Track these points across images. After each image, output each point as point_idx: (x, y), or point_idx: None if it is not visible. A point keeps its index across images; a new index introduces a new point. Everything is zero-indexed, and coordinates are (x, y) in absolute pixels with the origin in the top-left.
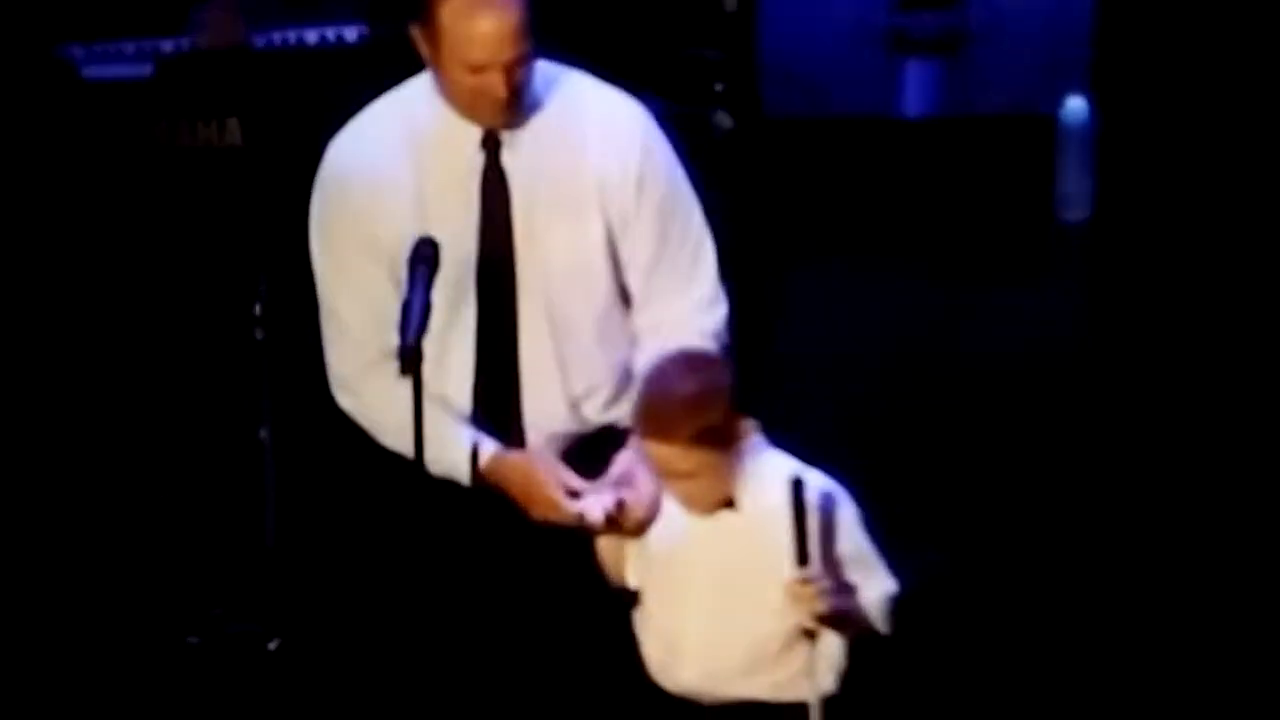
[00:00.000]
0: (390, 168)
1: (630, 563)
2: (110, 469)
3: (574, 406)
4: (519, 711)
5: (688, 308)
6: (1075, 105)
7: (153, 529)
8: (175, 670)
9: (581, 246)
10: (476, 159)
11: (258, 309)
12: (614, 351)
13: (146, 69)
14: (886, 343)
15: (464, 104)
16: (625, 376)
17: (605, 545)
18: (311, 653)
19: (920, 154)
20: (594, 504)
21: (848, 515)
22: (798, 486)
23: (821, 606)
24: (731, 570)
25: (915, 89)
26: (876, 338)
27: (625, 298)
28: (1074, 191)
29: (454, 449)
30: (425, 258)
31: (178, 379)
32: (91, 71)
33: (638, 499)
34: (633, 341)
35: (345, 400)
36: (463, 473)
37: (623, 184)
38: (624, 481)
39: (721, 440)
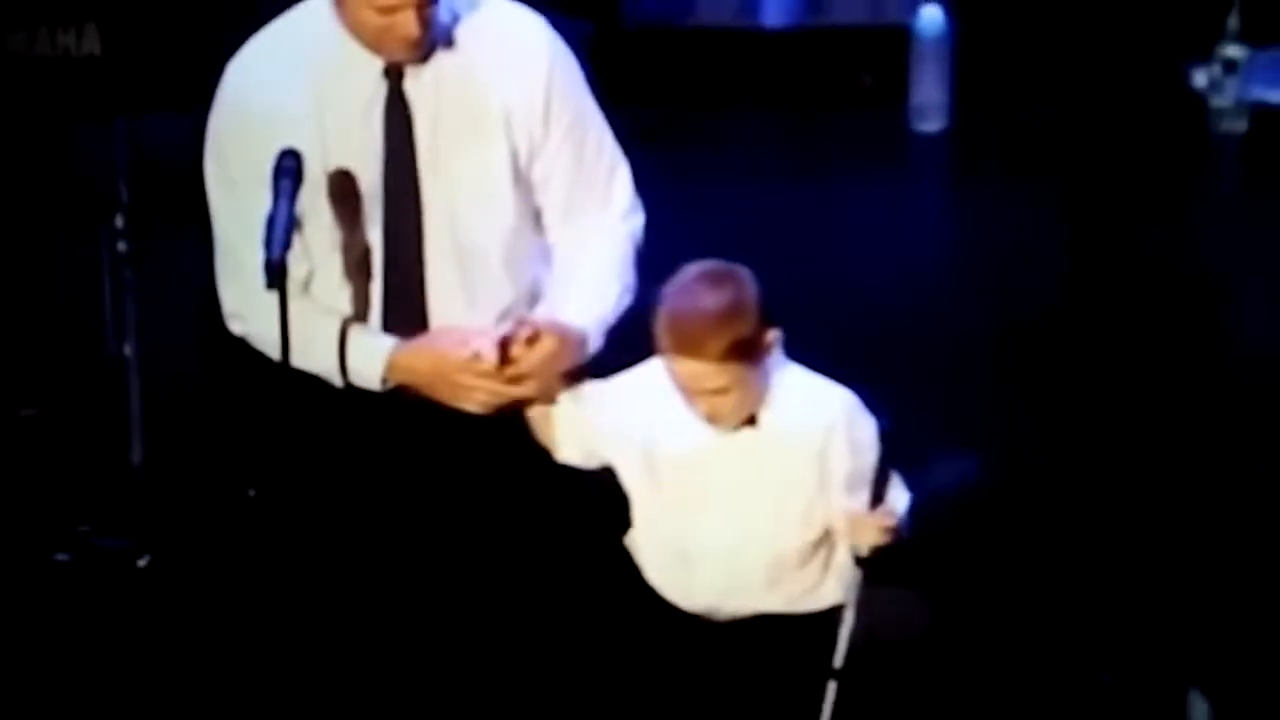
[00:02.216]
0: (289, 96)
1: (561, 434)
2: None
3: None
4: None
5: (608, 219)
6: (930, 14)
7: (15, 448)
8: (44, 588)
9: (486, 174)
10: (379, 88)
11: (119, 221)
12: (521, 275)
13: None
14: (756, 252)
15: (370, 40)
16: (532, 298)
17: (534, 415)
18: (181, 570)
19: (779, 65)
20: (483, 340)
21: (869, 428)
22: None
23: (886, 539)
24: (751, 484)
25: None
26: (738, 245)
27: (534, 219)
28: (929, 102)
29: (363, 357)
30: (288, 170)
31: (37, 293)
32: None
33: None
34: (545, 259)
35: (237, 327)
36: (372, 375)
37: (529, 112)
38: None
39: (750, 354)
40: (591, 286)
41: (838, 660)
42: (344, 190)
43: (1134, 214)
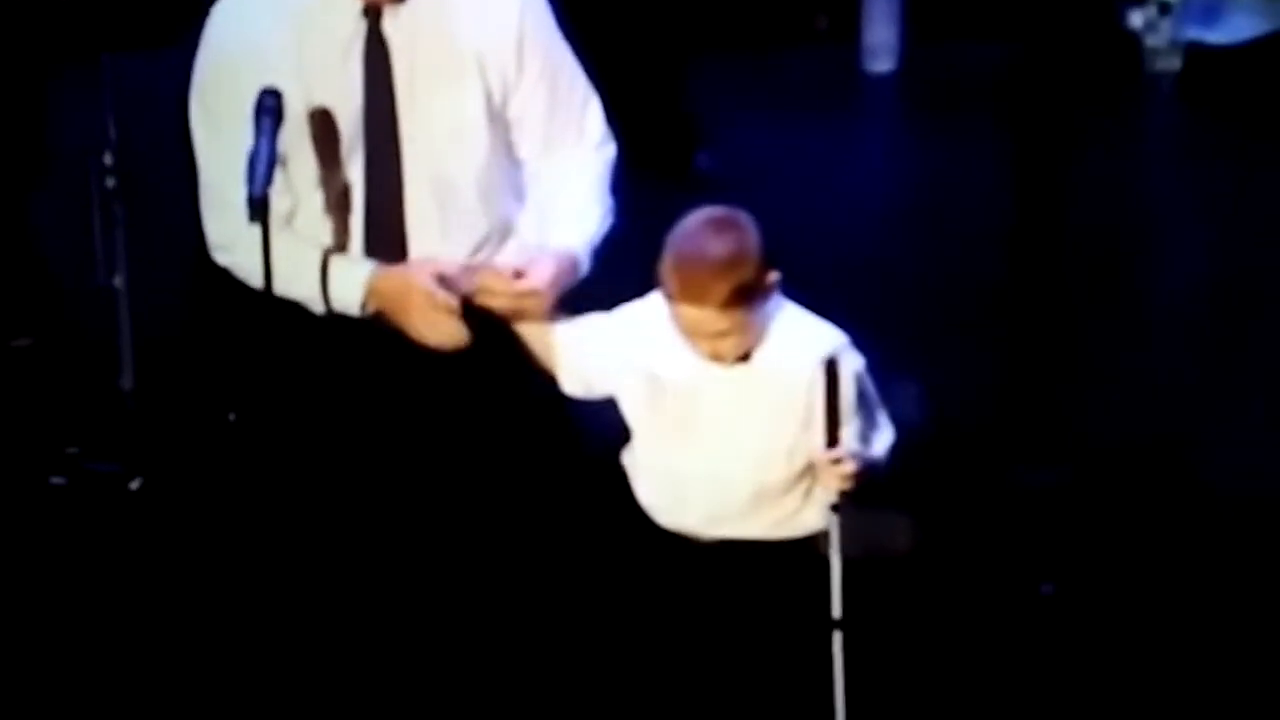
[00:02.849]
0: (270, 36)
1: (564, 364)
2: None
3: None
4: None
5: (583, 151)
6: None
7: (10, 377)
8: (41, 510)
9: (461, 112)
10: (358, 27)
11: (108, 158)
12: (495, 209)
13: None
14: (710, 189)
15: None
16: (506, 230)
17: (536, 346)
18: (173, 493)
19: (733, 5)
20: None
21: (856, 366)
22: (832, 368)
23: (850, 485)
24: (741, 415)
25: None
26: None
27: (507, 153)
28: (880, 43)
29: (343, 281)
30: (269, 108)
31: (30, 229)
32: None
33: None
34: (517, 195)
35: (222, 258)
36: (352, 299)
37: (501, 55)
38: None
39: (752, 297)
40: (576, 213)
41: (835, 610)
42: (325, 128)
43: (1072, 151)
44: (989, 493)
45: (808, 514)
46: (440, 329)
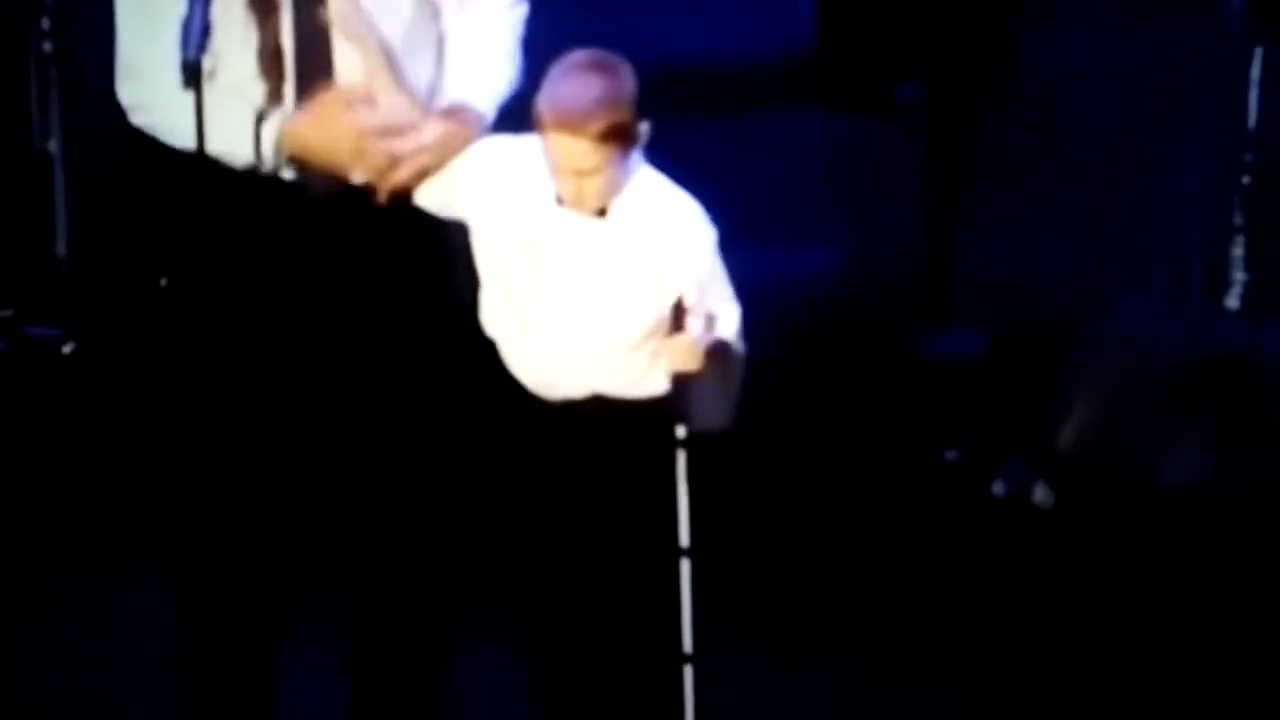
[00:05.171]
0: None
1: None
2: None
3: None
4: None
5: (497, 8)
6: None
7: None
8: None
9: None
10: None
11: (45, 23)
12: (420, 73)
13: None
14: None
15: None
16: (430, 95)
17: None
18: (107, 357)
19: None
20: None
21: (708, 237)
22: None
23: (695, 365)
24: (592, 270)
25: None
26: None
27: (432, 16)
28: None
29: (270, 129)
30: None
31: None
32: None
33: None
34: (439, 55)
35: (140, 119)
36: (272, 144)
37: None
38: None
39: (622, 140)
40: (487, 71)
41: (683, 539)
42: None
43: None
44: (899, 360)
45: (655, 377)
46: (366, 157)
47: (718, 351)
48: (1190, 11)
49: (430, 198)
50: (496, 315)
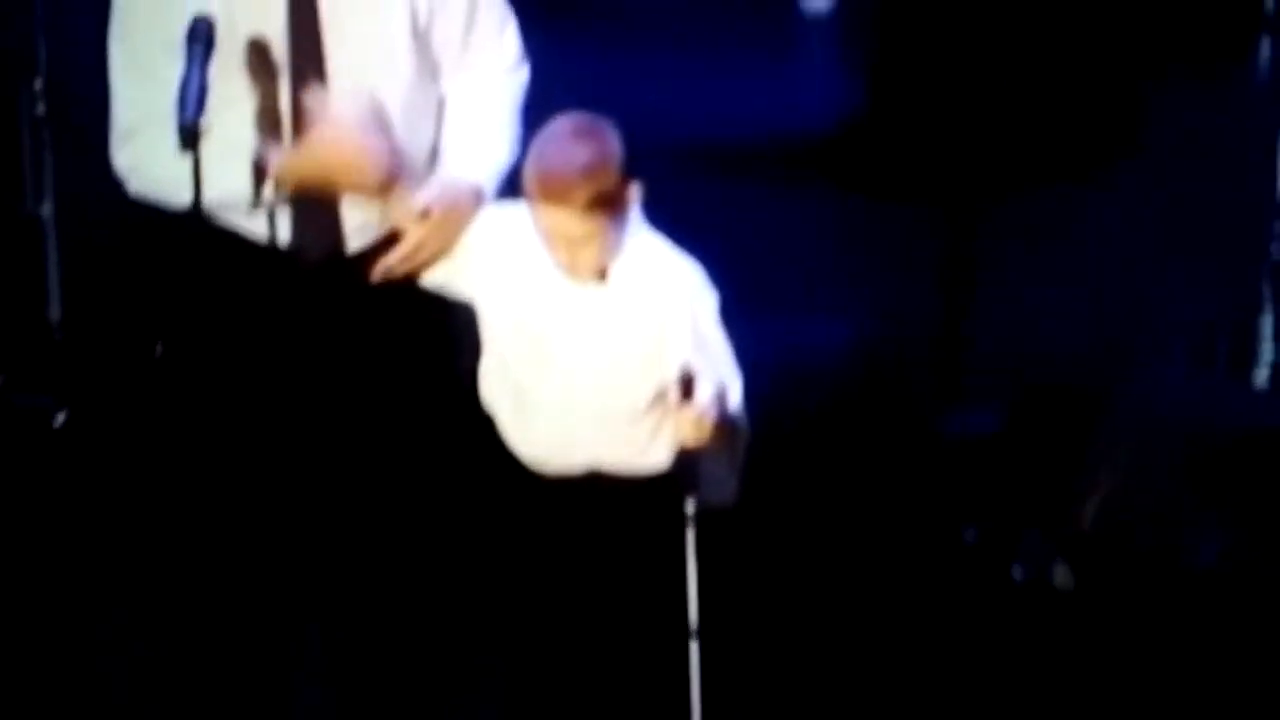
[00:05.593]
0: None
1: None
2: None
3: None
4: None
5: (497, 71)
6: None
7: None
8: None
9: (386, 32)
10: None
11: (38, 84)
12: (419, 133)
13: None
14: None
15: None
16: (431, 158)
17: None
18: (99, 426)
19: None
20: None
21: (709, 301)
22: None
23: (702, 438)
24: (593, 338)
25: None
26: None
27: (431, 75)
28: None
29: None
30: (201, 35)
31: None
32: None
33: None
34: (439, 116)
35: (137, 184)
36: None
37: None
38: None
39: (612, 206)
40: (485, 141)
41: (692, 619)
42: (250, 53)
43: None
44: (917, 436)
45: (657, 451)
46: (365, 170)
47: (725, 423)
48: (1216, 78)
49: (432, 279)
50: (495, 387)
